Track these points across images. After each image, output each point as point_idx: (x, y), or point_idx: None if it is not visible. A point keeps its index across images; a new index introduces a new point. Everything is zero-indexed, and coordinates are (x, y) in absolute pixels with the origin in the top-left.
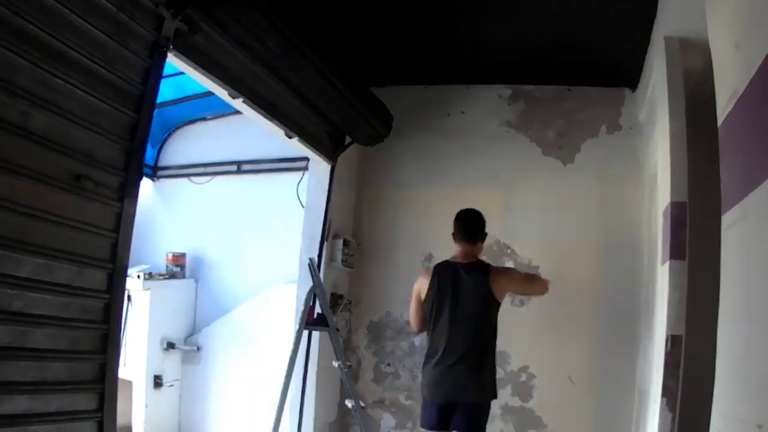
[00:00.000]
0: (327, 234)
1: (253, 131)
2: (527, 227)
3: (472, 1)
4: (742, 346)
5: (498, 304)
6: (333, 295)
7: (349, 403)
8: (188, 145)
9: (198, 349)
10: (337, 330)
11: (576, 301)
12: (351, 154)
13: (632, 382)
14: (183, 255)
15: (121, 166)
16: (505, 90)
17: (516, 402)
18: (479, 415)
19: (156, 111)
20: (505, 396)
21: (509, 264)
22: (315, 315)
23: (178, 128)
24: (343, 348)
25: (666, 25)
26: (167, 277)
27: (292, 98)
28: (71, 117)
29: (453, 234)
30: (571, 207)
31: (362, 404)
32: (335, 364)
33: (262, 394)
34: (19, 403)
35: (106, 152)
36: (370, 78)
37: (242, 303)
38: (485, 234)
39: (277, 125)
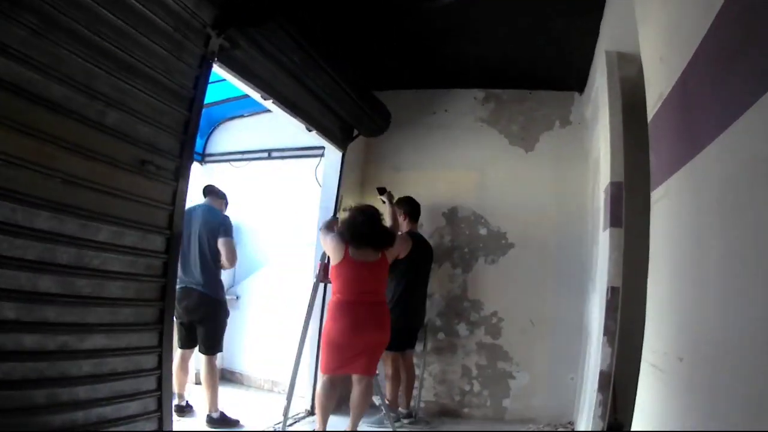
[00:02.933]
0: (338, 207)
1: (280, 126)
2: (497, 201)
3: (450, 23)
4: (666, 294)
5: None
6: None
7: None
8: (229, 136)
9: (237, 298)
10: None
11: (535, 259)
12: (358, 143)
13: (579, 323)
14: None
15: (177, 153)
16: (479, 93)
17: (488, 340)
18: None
19: (204, 110)
20: (480, 335)
21: (483, 231)
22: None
23: (221, 123)
24: None
25: (606, 41)
26: None
27: (311, 100)
28: (138, 114)
29: (407, 213)
30: (531, 185)
31: None
32: None
33: (290, 336)
34: (98, 341)
35: (165, 142)
36: (372, 83)
37: (272, 261)
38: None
39: (299, 121)
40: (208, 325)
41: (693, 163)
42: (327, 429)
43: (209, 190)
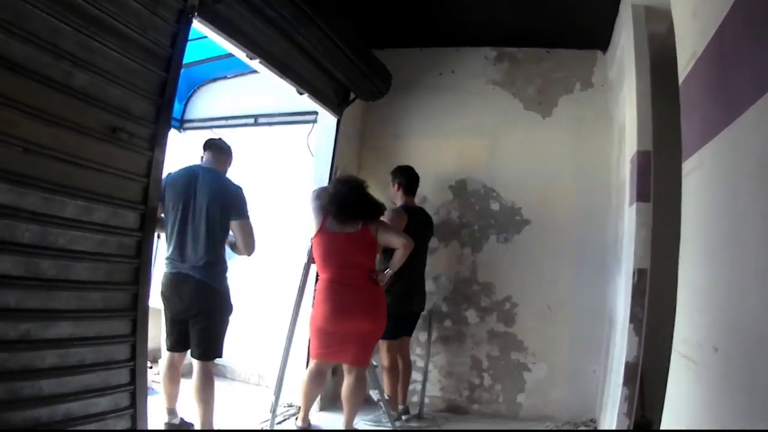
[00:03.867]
0: (333, 178)
1: (268, 88)
2: (510, 173)
3: None
4: (700, 278)
5: None
6: None
7: None
8: (211, 100)
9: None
10: None
11: (553, 238)
12: (355, 108)
13: (603, 310)
14: None
15: (152, 119)
16: (491, 52)
17: (501, 328)
18: None
19: (182, 70)
20: (491, 322)
21: (495, 206)
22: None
23: (202, 85)
24: None
25: None
26: None
27: (303, 59)
28: (108, 76)
29: (400, 184)
30: (549, 155)
31: None
32: None
33: (279, 324)
34: (63, 329)
35: (138, 107)
36: (372, 41)
37: (259, 239)
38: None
39: (289, 83)
40: (205, 322)
41: (730, 129)
42: (317, 423)
43: (211, 144)
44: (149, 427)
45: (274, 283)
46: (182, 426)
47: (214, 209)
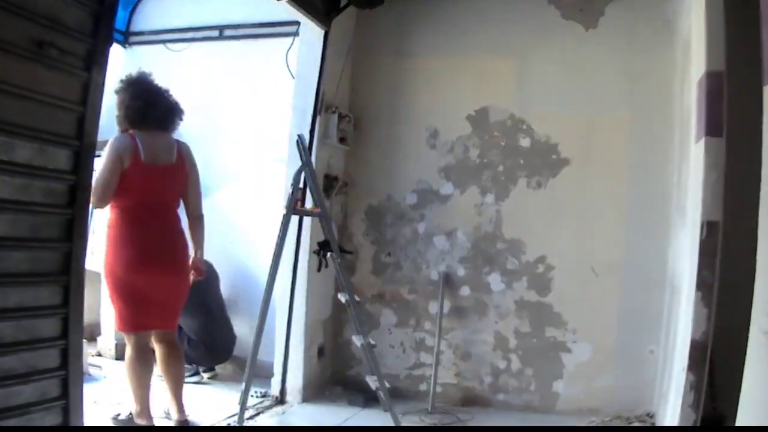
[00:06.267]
0: (320, 107)
1: None
2: (544, 100)
3: None
4: None
5: None
6: (326, 176)
7: (342, 298)
8: (164, 8)
9: None
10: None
11: (600, 182)
12: (347, 17)
13: (663, 274)
14: None
15: (89, 32)
16: None
17: (532, 296)
18: None
19: None
20: (520, 289)
21: (525, 142)
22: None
23: None
24: (339, 236)
25: None
26: None
27: None
28: None
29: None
30: (593, 77)
31: (357, 299)
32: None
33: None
34: None
35: (72, 16)
36: None
37: (225, 185)
38: None
39: None
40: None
41: None
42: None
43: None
44: (85, 422)
45: (244, 235)
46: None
47: None
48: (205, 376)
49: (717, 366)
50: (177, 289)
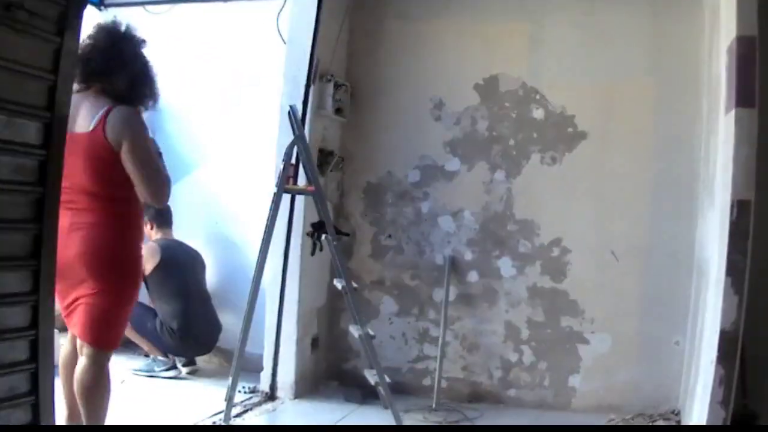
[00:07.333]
0: (314, 76)
1: None
2: (560, 68)
3: None
4: None
5: None
6: (321, 151)
7: (338, 284)
8: None
9: None
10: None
11: (620, 157)
12: None
13: (690, 258)
14: None
15: None
16: None
17: (547, 283)
18: None
19: None
20: (533, 275)
21: (538, 113)
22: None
23: None
24: (335, 216)
25: None
26: None
27: None
28: None
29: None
30: (614, 43)
31: (355, 285)
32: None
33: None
34: None
35: None
36: None
37: (211, 160)
38: None
39: None
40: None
41: None
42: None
43: None
44: (57, 420)
45: (231, 213)
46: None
47: None
48: (184, 370)
49: (749, 359)
50: (91, 295)
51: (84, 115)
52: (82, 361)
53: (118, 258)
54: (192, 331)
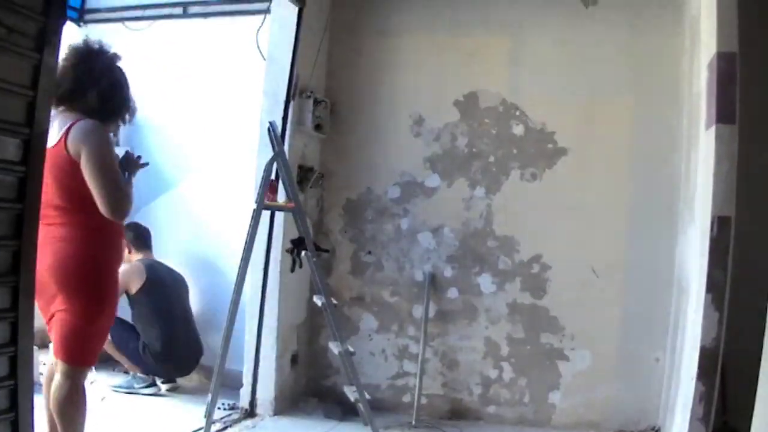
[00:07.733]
0: (293, 92)
1: None
2: (540, 84)
3: None
4: None
5: None
6: (301, 167)
7: (318, 301)
8: None
9: None
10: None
11: (601, 173)
12: None
13: (670, 274)
14: None
15: (40, 9)
16: None
17: (526, 299)
18: None
19: None
20: (513, 292)
21: (518, 130)
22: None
23: None
24: (314, 232)
25: None
26: None
27: None
28: None
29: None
30: (594, 59)
31: (335, 302)
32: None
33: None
34: None
35: None
36: None
37: (190, 176)
38: None
39: None
40: None
41: None
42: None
43: None
44: None
45: (211, 230)
46: None
47: None
48: (164, 387)
49: (729, 375)
50: (61, 312)
51: (53, 131)
52: (56, 378)
53: (87, 273)
54: (174, 355)
